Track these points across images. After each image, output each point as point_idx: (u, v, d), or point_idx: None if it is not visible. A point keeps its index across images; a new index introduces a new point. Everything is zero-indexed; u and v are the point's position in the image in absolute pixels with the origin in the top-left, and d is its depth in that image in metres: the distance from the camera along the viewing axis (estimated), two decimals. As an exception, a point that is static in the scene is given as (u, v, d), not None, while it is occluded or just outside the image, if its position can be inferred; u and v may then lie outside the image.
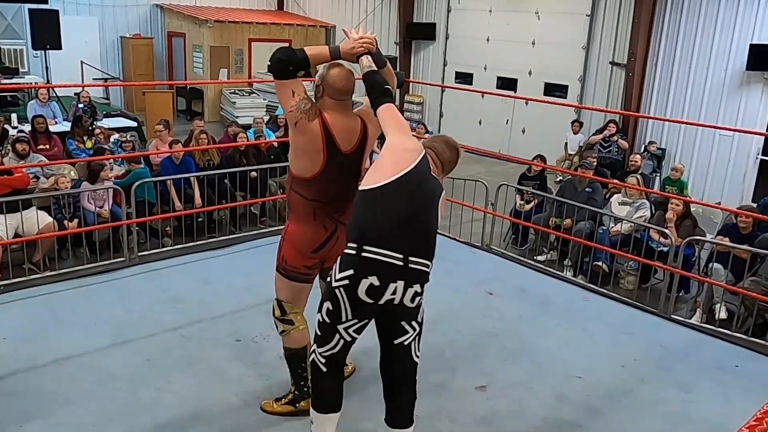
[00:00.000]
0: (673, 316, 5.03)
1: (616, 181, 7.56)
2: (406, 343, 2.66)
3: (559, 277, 5.62)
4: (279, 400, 3.22)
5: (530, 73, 12.47)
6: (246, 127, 9.53)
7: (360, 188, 2.63)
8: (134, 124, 10.55)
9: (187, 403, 3.24)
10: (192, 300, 4.33)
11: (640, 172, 8.24)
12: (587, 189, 7.20)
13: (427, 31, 14.13)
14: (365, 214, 2.58)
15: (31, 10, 11.58)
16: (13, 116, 9.62)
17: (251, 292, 4.44)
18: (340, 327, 2.61)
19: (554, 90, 12.16)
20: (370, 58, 2.84)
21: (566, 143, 11.34)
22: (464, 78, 13.66)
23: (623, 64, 10.96)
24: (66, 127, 9.32)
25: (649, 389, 3.64)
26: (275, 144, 8.58)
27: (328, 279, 2.63)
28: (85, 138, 8.65)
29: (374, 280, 2.50)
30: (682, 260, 5.70)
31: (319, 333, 2.68)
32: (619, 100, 11.17)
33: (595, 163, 8.75)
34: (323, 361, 2.68)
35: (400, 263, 2.51)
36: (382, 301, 2.53)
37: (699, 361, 4.04)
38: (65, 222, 6.30)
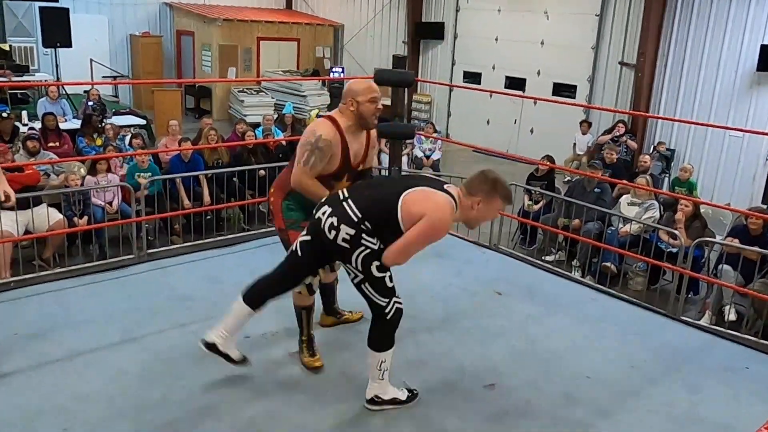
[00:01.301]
0: (682, 318, 5.01)
1: (625, 181, 7.54)
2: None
3: (567, 277, 5.60)
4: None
5: (539, 73, 12.44)
6: (254, 126, 9.56)
7: None
8: (143, 122, 10.60)
9: (196, 399, 3.25)
10: (201, 297, 4.34)
11: (649, 172, 8.22)
12: (596, 189, 7.18)
13: (436, 31, 14.12)
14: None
15: (41, 8, 11.65)
16: (24, 114, 9.69)
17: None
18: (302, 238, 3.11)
19: (563, 90, 12.14)
20: None
21: (575, 143, 11.31)
22: (472, 77, 13.65)
23: (632, 64, 10.92)
24: (76, 124, 9.38)
25: (658, 390, 3.63)
26: (283, 142, 8.60)
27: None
28: (95, 135, 8.70)
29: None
30: (691, 261, 5.68)
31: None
32: (628, 100, 11.14)
33: (615, 159, 8.73)
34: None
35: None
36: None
37: (708, 362, 4.02)
38: (75, 219, 6.34)
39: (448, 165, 11.07)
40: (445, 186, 3.01)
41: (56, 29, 11.28)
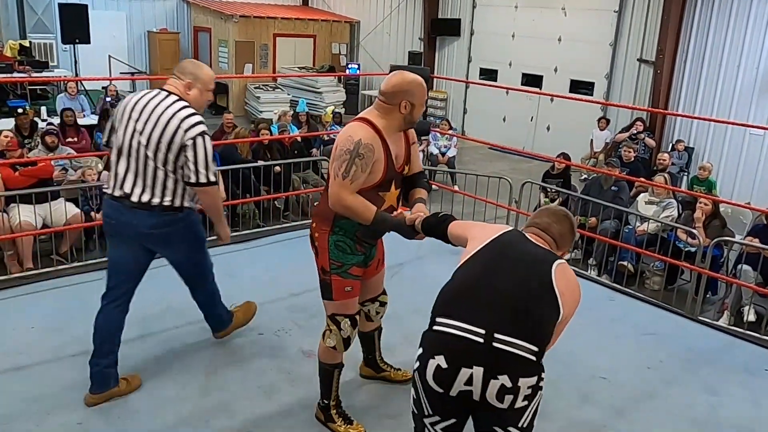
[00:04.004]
0: (700, 318, 4.95)
1: (642, 179, 7.45)
2: None
3: (583, 276, 5.55)
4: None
5: (556, 70, 12.34)
6: (271, 123, 9.58)
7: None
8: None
9: (209, 395, 3.26)
10: (215, 293, 4.35)
11: (667, 171, 8.12)
12: (613, 188, 7.10)
13: (452, 27, 14.05)
14: (445, 286, 2.14)
15: (60, 5, 11.77)
16: (43, 109, 9.78)
17: (274, 286, 4.46)
18: (426, 421, 2.10)
19: (580, 87, 12.03)
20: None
21: (592, 140, 11.21)
22: (489, 74, 13.57)
23: (651, 61, 10.79)
24: (94, 120, 9.45)
25: (676, 392, 3.58)
26: (299, 139, 8.61)
27: None
28: (112, 131, 8.77)
29: (441, 360, 1.94)
30: (710, 261, 5.60)
31: (413, 424, 2.21)
32: (646, 97, 11.01)
33: (633, 157, 8.63)
34: None
35: (480, 339, 1.92)
36: (453, 392, 1.94)
37: (727, 364, 3.97)
38: (92, 213, 6.38)
39: (464, 162, 11.03)
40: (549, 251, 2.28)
41: (75, 25, 11.39)
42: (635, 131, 10.33)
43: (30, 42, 12.72)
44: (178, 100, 2.99)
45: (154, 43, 15.32)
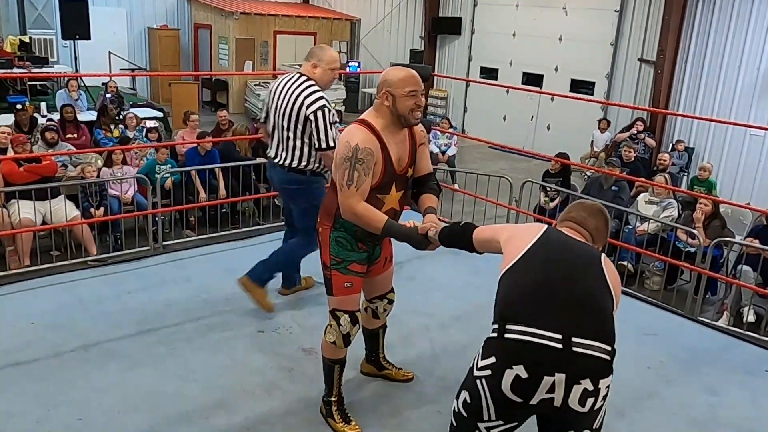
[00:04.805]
0: (699, 318, 4.95)
1: (643, 179, 7.45)
2: None
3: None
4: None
5: (556, 69, 12.34)
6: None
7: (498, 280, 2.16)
8: (160, 114, 10.65)
9: (210, 392, 3.26)
10: (216, 290, 4.36)
11: (667, 171, 8.12)
12: (613, 187, 7.10)
13: (453, 26, 14.05)
14: (504, 291, 2.07)
15: (61, 1, 11.71)
16: (42, 105, 9.75)
17: (274, 284, 4.45)
18: (482, 425, 2.04)
19: (581, 87, 12.03)
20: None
21: (592, 140, 11.21)
22: (489, 73, 13.57)
23: (652, 61, 10.79)
24: (92, 116, 9.43)
25: (676, 392, 3.58)
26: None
27: (471, 365, 2.09)
28: (111, 127, 8.75)
29: (521, 370, 1.88)
30: (709, 261, 5.60)
31: (454, 424, 2.14)
32: (647, 97, 11.01)
33: (633, 157, 8.62)
34: None
35: (559, 345, 1.87)
36: (534, 401, 1.91)
37: (727, 364, 3.97)
38: (92, 210, 6.38)
39: (464, 161, 11.02)
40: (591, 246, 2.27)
41: (75, 21, 11.34)
42: (635, 131, 10.33)
43: (30, 38, 12.68)
44: (306, 80, 3.66)
45: (155, 39, 15.30)
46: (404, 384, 3.40)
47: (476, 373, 2.01)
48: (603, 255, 2.15)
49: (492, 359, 1.96)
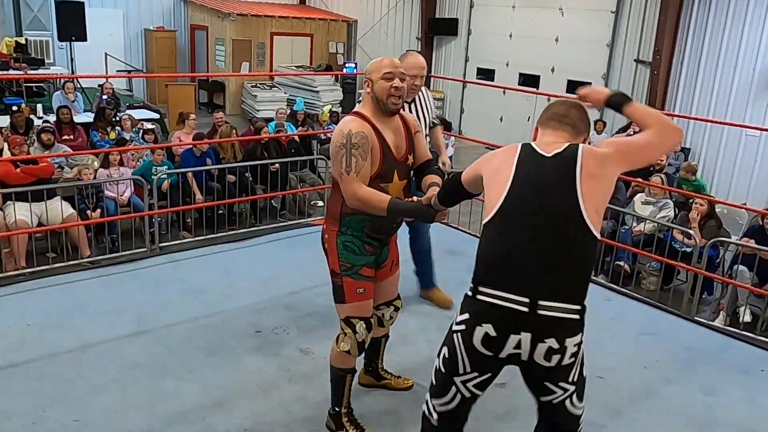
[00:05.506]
0: (696, 318, 4.96)
1: (639, 179, 7.46)
2: (555, 401, 2.14)
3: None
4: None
5: (553, 70, 12.36)
6: (267, 120, 9.57)
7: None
8: (157, 116, 10.65)
9: (207, 392, 3.26)
10: (213, 291, 4.36)
11: (664, 171, 8.12)
12: (610, 188, 7.10)
13: (449, 27, 14.07)
14: (482, 249, 2.17)
15: (57, 2, 11.73)
16: (39, 107, 9.75)
17: (271, 285, 4.46)
18: (457, 379, 2.17)
19: (577, 87, 12.00)
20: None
21: (589, 142, 11.22)
22: (486, 74, 13.59)
23: (648, 61, 10.82)
24: (89, 117, 9.42)
25: (673, 391, 3.59)
26: (296, 138, 8.60)
27: (451, 323, 2.22)
28: (108, 129, 8.75)
29: (489, 328, 2.04)
30: (706, 261, 5.61)
31: (433, 382, 2.27)
32: (643, 98, 11.02)
33: None
34: (435, 416, 2.26)
35: (524, 309, 1.99)
36: (503, 355, 2.07)
37: (723, 364, 3.98)
38: (88, 212, 6.37)
39: (461, 162, 11.03)
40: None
41: (72, 23, 11.35)
42: (632, 132, 10.34)
43: (26, 39, 12.67)
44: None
45: (151, 40, 15.27)
46: (405, 393, 3.34)
47: (454, 328, 2.16)
48: (581, 156, 2.12)
49: (466, 315, 2.12)
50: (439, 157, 4.25)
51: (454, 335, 2.16)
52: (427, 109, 4.09)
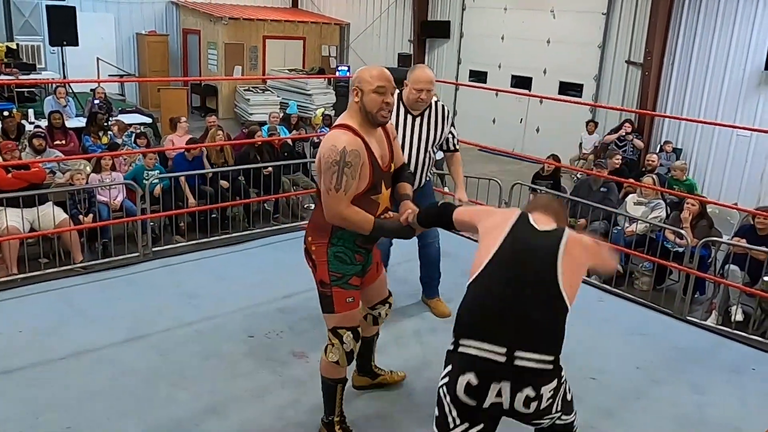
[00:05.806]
0: (688, 318, 4.98)
1: (631, 180, 7.49)
2: (546, 426, 2.30)
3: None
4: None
5: (545, 71, 12.41)
6: (260, 124, 9.57)
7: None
8: (149, 120, 10.62)
9: (201, 398, 3.25)
10: (206, 296, 4.35)
11: (655, 172, 8.16)
12: (602, 189, 7.15)
13: (442, 29, 14.10)
14: (463, 305, 2.27)
15: (48, 7, 11.68)
16: (30, 112, 9.71)
17: (264, 289, 4.45)
18: None
19: (569, 89, 12.10)
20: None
21: (581, 143, 11.28)
22: (478, 76, 13.62)
23: (639, 63, 10.88)
24: (81, 122, 9.40)
25: (664, 391, 3.61)
26: (289, 141, 8.60)
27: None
28: (100, 134, 8.72)
29: (472, 377, 2.12)
30: (697, 261, 5.64)
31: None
32: (634, 99, 11.09)
33: (619, 164, 8.57)
34: None
35: (501, 359, 2.09)
36: (486, 404, 2.13)
37: (714, 363, 4.00)
38: (80, 217, 6.35)
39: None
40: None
41: (63, 28, 11.30)
42: (624, 133, 10.40)
43: (17, 44, 12.62)
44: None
45: (143, 45, 15.24)
46: (401, 388, 3.38)
47: (439, 383, 2.24)
48: (566, 238, 2.28)
49: (450, 367, 2.21)
50: (456, 190, 4.07)
51: (440, 390, 2.24)
52: (438, 127, 3.92)
